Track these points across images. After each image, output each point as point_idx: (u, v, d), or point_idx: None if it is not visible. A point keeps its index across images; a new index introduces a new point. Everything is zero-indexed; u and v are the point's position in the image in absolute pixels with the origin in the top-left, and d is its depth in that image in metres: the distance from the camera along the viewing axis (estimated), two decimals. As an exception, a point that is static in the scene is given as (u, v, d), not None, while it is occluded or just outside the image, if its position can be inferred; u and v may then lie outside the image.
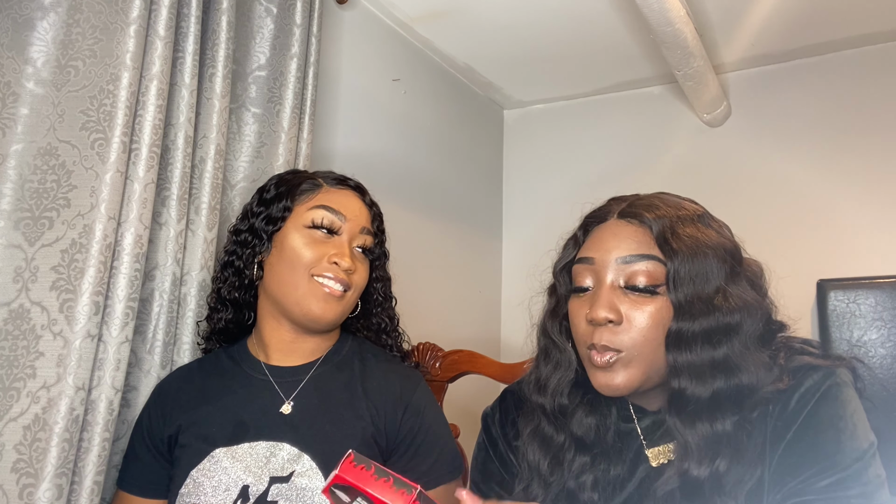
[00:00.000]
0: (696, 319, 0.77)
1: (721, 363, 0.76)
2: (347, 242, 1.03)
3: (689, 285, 0.78)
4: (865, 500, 0.70)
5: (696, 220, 0.83)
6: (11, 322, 0.96)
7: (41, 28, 1.02)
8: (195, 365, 1.10)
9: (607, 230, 0.84)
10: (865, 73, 2.00)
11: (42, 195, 1.00)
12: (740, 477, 0.75)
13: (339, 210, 1.03)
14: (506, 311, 2.44)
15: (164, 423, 1.01)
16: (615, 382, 0.80)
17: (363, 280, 1.05)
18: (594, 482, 0.84)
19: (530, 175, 2.51)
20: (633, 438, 0.87)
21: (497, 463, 0.95)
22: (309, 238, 1.01)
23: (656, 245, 0.80)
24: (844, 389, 0.75)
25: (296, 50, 1.36)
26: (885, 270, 1.85)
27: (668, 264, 0.78)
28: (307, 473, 0.93)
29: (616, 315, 0.79)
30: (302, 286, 0.99)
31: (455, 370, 1.28)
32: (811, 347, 0.83)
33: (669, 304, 0.79)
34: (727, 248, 0.81)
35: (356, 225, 1.04)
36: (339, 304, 1.01)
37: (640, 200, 0.85)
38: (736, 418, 0.76)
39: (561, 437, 0.86)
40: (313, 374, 1.03)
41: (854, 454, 0.71)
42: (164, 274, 1.12)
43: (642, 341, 0.79)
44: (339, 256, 1.00)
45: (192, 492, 0.94)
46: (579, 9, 1.81)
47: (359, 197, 1.08)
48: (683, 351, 0.77)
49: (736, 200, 2.10)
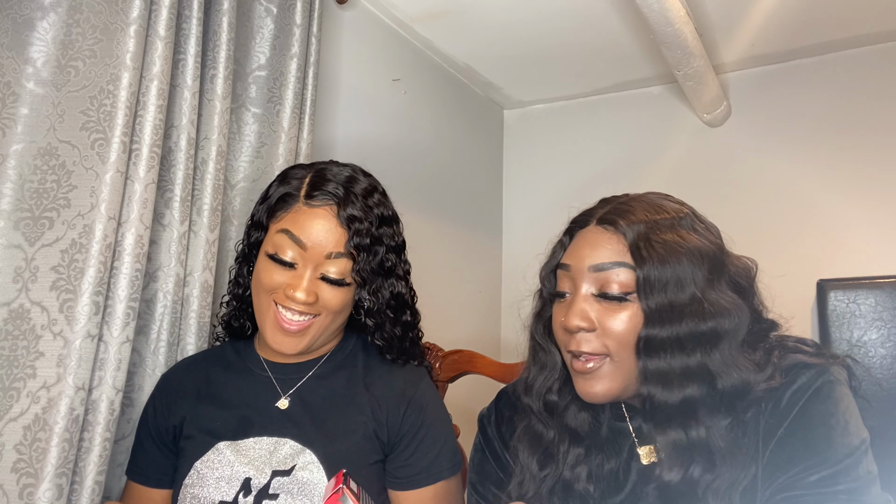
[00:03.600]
0: (665, 326, 0.77)
1: (695, 370, 0.77)
2: (309, 273, 0.95)
3: (661, 292, 0.78)
4: (854, 495, 0.70)
5: (677, 224, 0.82)
6: (11, 322, 0.96)
7: (41, 28, 1.02)
8: (200, 357, 1.11)
9: (584, 237, 0.85)
10: (865, 73, 2.00)
11: (42, 195, 1.00)
12: (734, 478, 0.75)
13: (299, 237, 0.95)
14: (506, 311, 2.44)
15: (169, 413, 1.02)
16: (594, 390, 0.82)
17: (339, 303, 0.98)
18: (589, 474, 0.85)
19: (530, 175, 2.51)
20: (625, 437, 0.87)
21: (493, 463, 0.95)
22: (270, 266, 0.97)
23: (629, 252, 0.80)
24: (837, 387, 0.76)
25: (296, 50, 1.36)
26: (885, 270, 1.85)
27: (638, 271, 0.79)
28: (309, 467, 0.94)
29: (588, 323, 0.80)
30: (267, 313, 0.97)
31: (455, 370, 1.28)
32: (805, 346, 0.83)
33: (641, 311, 0.79)
34: (705, 252, 0.81)
35: (321, 252, 0.95)
36: (304, 337, 0.98)
37: (620, 205, 0.85)
38: (728, 421, 0.77)
39: (551, 433, 0.88)
40: (316, 372, 1.04)
41: (845, 450, 0.72)
42: (167, 275, 1.12)
43: (617, 348, 0.80)
44: (294, 288, 0.94)
45: (196, 483, 0.95)
46: (579, 9, 1.81)
47: (333, 214, 0.96)
48: (653, 357, 0.78)
49: (736, 200, 2.10)
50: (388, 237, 1.01)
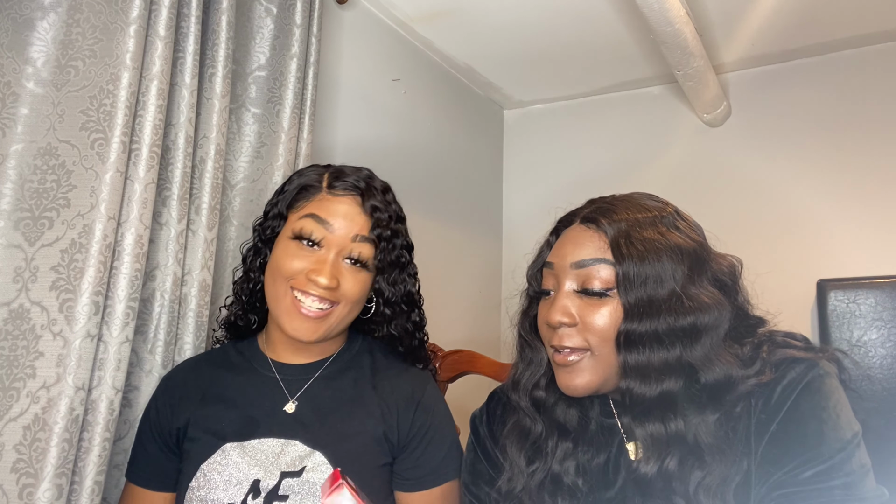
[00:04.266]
0: (643, 321, 0.79)
1: (674, 364, 0.78)
2: (333, 256, 0.97)
3: (640, 288, 0.79)
4: (848, 490, 0.70)
5: (658, 222, 0.84)
6: (11, 322, 0.96)
7: (41, 28, 1.01)
8: (202, 358, 1.10)
9: (568, 236, 0.88)
10: (865, 73, 2.00)
11: (42, 195, 1.00)
12: (725, 475, 0.75)
13: (326, 219, 0.97)
14: (505, 311, 2.44)
15: (173, 415, 1.01)
16: (574, 383, 0.83)
17: (358, 291, 0.99)
18: (577, 468, 0.86)
19: (530, 175, 2.51)
20: (614, 433, 0.88)
21: (485, 462, 0.96)
22: (293, 249, 0.97)
23: (610, 249, 0.82)
24: (827, 380, 0.76)
25: (296, 50, 1.36)
26: (885, 270, 1.85)
27: (617, 267, 0.81)
28: (319, 468, 0.94)
29: (570, 318, 0.82)
30: (283, 300, 0.97)
31: (455, 370, 1.28)
32: (794, 340, 0.84)
33: (621, 306, 0.81)
34: (685, 250, 0.82)
35: (347, 234, 0.97)
36: (322, 324, 0.97)
37: (604, 204, 0.88)
38: (716, 416, 0.77)
39: (539, 427, 0.89)
40: (322, 373, 1.04)
41: (837, 444, 0.72)
42: (164, 274, 1.12)
43: (598, 342, 0.81)
44: (317, 273, 0.94)
45: (203, 485, 0.94)
46: (579, 9, 1.81)
47: (358, 203, 0.99)
48: (632, 351, 0.79)
49: (736, 200, 2.10)
50: (402, 235, 1.04)
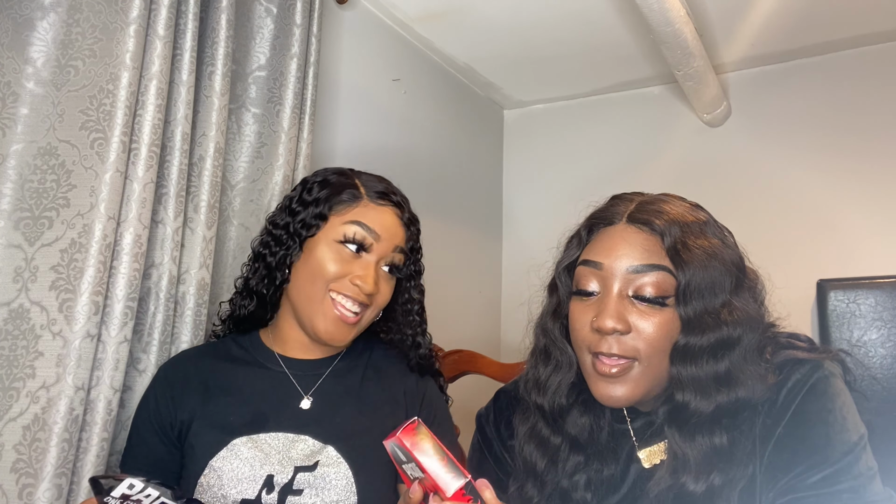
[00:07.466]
0: (704, 334, 0.76)
1: (723, 377, 0.75)
2: (375, 263, 1.00)
3: (699, 299, 0.76)
4: (856, 493, 0.69)
5: (706, 230, 0.81)
6: (11, 322, 0.96)
7: (41, 28, 1.01)
8: (203, 349, 1.09)
9: (616, 235, 0.82)
10: (865, 73, 2.00)
11: (42, 195, 1.00)
12: (731, 478, 0.74)
13: (373, 228, 1.00)
14: (506, 311, 2.44)
15: (175, 406, 0.99)
16: (615, 394, 0.79)
17: (385, 300, 1.04)
18: (587, 482, 0.84)
19: (530, 175, 2.51)
20: (625, 439, 0.87)
21: (492, 463, 0.95)
22: (337, 253, 0.99)
23: (667, 255, 0.78)
24: (832, 382, 0.75)
25: (296, 50, 1.36)
26: (885, 270, 1.85)
27: (678, 276, 0.77)
28: (332, 463, 0.95)
29: (624, 325, 0.78)
30: (318, 300, 0.99)
31: (455, 370, 1.28)
32: (798, 341, 0.83)
33: (677, 316, 0.77)
34: (733, 260, 0.80)
35: (389, 245, 1.01)
36: (352, 329, 1.01)
37: (648, 204, 0.83)
38: (726, 420, 0.76)
39: (558, 439, 0.86)
40: (333, 369, 1.05)
41: (844, 447, 0.71)
42: (160, 272, 1.11)
43: (650, 351, 0.77)
44: (363, 279, 0.98)
45: (215, 482, 0.93)
46: (579, 9, 1.81)
47: (398, 215, 1.04)
48: (689, 365, 0.76)
49: (736, 200, 2.10)
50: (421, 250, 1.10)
